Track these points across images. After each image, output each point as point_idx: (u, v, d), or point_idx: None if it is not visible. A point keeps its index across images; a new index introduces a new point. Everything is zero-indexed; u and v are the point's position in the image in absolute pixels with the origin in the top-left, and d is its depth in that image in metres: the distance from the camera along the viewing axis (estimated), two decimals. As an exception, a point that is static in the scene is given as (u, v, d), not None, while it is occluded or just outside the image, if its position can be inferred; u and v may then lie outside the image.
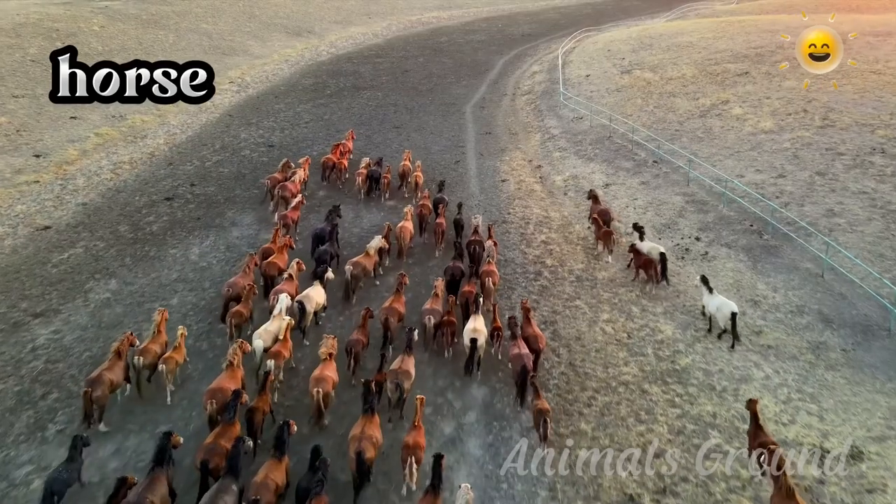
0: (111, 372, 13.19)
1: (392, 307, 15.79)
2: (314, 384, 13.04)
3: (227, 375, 13.11)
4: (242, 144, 32.68)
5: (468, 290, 16.83)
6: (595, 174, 27.57)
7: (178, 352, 14.44)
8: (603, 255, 20.85)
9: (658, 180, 25.87)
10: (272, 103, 40.51)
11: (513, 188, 27.01)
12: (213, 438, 11.46)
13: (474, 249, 19.25)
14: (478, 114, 38.38)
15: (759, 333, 16.81)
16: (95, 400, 12.72)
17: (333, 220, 20.82)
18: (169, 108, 37.73)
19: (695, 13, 73.16)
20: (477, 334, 14.67)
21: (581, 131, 32.89)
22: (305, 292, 16.45)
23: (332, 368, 13.55)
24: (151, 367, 14.09)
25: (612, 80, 39.37)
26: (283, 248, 19.12)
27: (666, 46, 44.33)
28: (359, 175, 25.19)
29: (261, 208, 24.70)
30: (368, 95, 42.67)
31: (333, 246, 19.90)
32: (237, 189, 27.03)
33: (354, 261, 18.18)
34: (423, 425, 12.36)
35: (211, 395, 12.58)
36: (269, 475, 10.73)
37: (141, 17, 54.98)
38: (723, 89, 33.56)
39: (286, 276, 17.35)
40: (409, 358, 13.96)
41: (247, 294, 16.40)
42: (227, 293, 16.72)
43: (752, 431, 12.22)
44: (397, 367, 13.54)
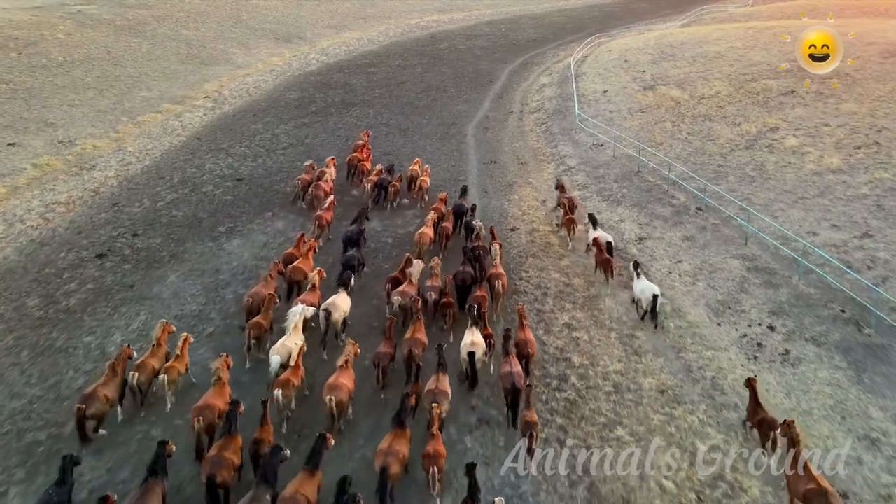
0: (106, 388, 12.59)
1: (415, 338, 14.32)
2: (328, 392, 12.58)
3: (215, 392, 12.48)
4: (206, 178, 27.26)
5: (480, 295, 16.11)
6: (625, 223, 22.11)
7: (180, 361, 13.69)
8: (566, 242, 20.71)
9: (706, 235, 20.42)
10: (249, 123, 35.05)
11: (524, 241, 21.59)
12: (216, 451, 11.00)
13: (479, 254, 18.25)
14: (481, 136, 32.91)
15: (890, 499, 11.43)
16: (90, 417, 12.21)
17: (362, 224, 19.99)
18: (128, 130, 32.39)
19: (711, 17, 67.36)
20: (475, 348, 13.91)
21: (602, 163, 27.42)
22: (331, 300, 15.53)
23: (348, 376, 13.05)
24: (147, 384, 13.40)
25: (633, 98, 33.84)
26: (309, 252, 18.24)
27: (691, 57, 38.76)
28: (368, 182, 23.98)
29: (209, 269, 19.39)
30: (358, 113, 37.18)
31: (360, 251, 19.01)
32: (189, 241, 21.65)
33: (402, 290, 16.24)
34: (440, 433, 11.82)
35: (198, 412, 11.96)
36: (300, 490, 10.16)
37: (115, 23, 49.54)
38: (768, 112, 28.07)
39: (308, 285, 16.48)
40: (444, 376, 13.13)
41: (267, 304, 15.38)
42: (249, 303, 15.78)
43: (752, 408, 12.38)
44: (434, 388, 12.71)
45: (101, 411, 12.34)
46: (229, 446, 11.09)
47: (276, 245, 21.34)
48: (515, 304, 16.65)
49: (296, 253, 18.27)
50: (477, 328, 14.45)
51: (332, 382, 12.68)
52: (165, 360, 13.81)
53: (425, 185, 24.06)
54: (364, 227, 19.99)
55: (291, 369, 13.20)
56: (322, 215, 20.97)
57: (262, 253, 20.79)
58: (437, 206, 21.58)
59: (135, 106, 35.80)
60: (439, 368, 13.18)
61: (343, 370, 13.00)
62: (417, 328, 14.60)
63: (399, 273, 17.20)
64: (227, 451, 10.96)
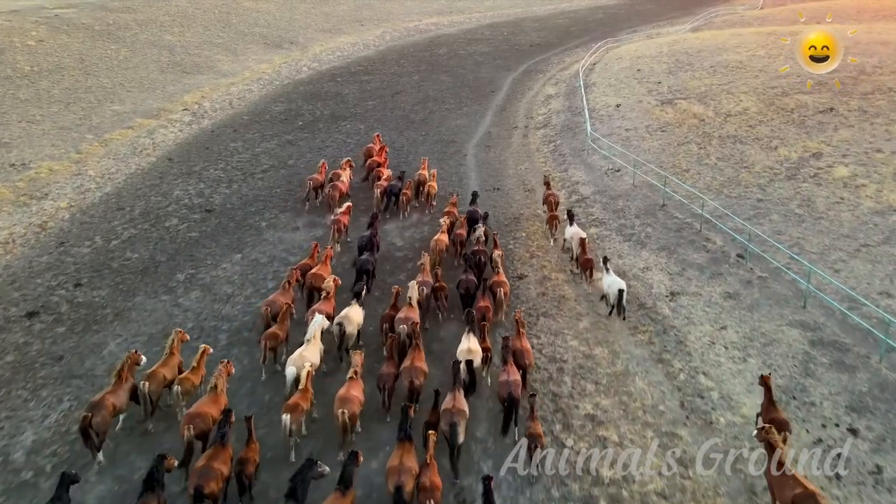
0: (114, 396, 12.02)
1: (415, 367, 13.36)
2: (339, 405, 12.02)
3: (209, 399, 11.95)
4: (171, 209, 23.72)
5: (483, 305, 15.65)
6: (651, 272, 18.54)
7: (195, 373, 13.12)
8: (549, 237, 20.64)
9: (752, 292, 16.84)
10: (228, 140, 31.48)
11: (534, 293, 18.04)
12: (204, 461, 10.50)
13: (479, 260, 17.71)
14: (482, 157, 29.31)
15: None
16: (95, 426, 11.50)
17: (375, 230, 19.50)
18: (92, 150, 28.85)
19: (722, 20, 63.55)
20: (472, 355, 13.59)
21: (621, 192, 23.81)
22: (344, 312, 14.93)
23: (358, 388, 12.55)
24: (157, 393, 12.81)
25: (651, 114, 30.22)
26: (326, 258, 17.82)
27: (710, 67, 35.11)
28: (378, 188, 22.98)
29: (157, 332, 15.85)
30: (349, 128, 33.58)
31: (373, 256, 18.49)
32: (140, 292, 18.14)
33: (404, 317, 14.83)
34: (435, 461, 10.94)
35: (189, 419, 11.46)
36: None
37: (93, 28, 45.89)
38: (807, 134, 24.48)
39: (323, 294, 16.00)
40: (460, 393, 12.38)
41: (283, 314, 14.90)
42: (266, 312, 15.24)
43: (766, 406, 11.81)
44: (451, 407, 11.95)
45: (107, 420, 11.88)
46: (219, 457, 10.65)
47: (242, 298, 17.86)
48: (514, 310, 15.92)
49: (311, 263, 17.74)
50: (473, 334, 14.07)
51: (344, 395, 12.22)
52: (178, 370, 13.33)
53: (433, 190, 23.41)
54: (378, 232, 19.57)
55: (300, 392, 12.34)
56: (339, 219, 20.20)
57: (224, 310, 17.28)
58: (450, 209, 20.87)
59: (103, 121, 32.23)
60: (455, 386, 12.43)
61: (353, 382, 12.57)
62: (417, 356, 13.68)
63: (392, 309, 15.63)
64: (217, 461, 10.54)
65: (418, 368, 13.39)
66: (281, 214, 23.26)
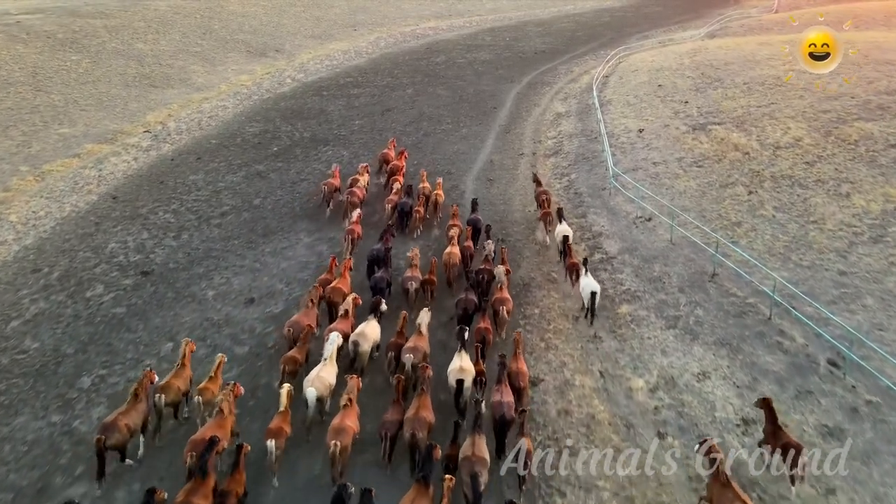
0: (127, 416, 11.33)
1: (419, 417, 11.53)
2: (332, 436, 11.03)
3: (215, 424, 11.21)
4: (98, 270, 18.76)
5: (483, 326, 14.40)
6: (710, 380, 13.54)
7: (213, 382, 12.47)
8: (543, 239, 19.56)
9: (863, 427, 11.84)
10: (188, 171, 26.49)
11: (553, 410, 13.08)
12: (183, 496, 9.71)
13: (483, 278, 16.42)
14: (483, 194, 24.21)
15: None
16: (110, 448, 10.99)
17: (388, 243, 18.16)
18: (24, 186, 23.90)
19: (739, 25, 58.25)
20: (464, 374, 12.58)
21: (656, 252, 18.77)
22: (360, 329, 14.09)
23: (353, 417, 11.57)
24: (175, 404, 12.30)
25: (681, 144, 25.16)
26: (346, 271, 16.61)
27: (743, 84, 30.02)
28: (388, 202, 21.53)
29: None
30: (329, 155, 28.54)
31: (388, 271, 17.07)
32: (25, 410, 13.17)
33: (413, 346, 13.50)
34: None
35: (192, 446, 10.72)
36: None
37: (56, 36, 40.79)
38: (883, 177, 19.46)
39: (341, 311, 14.84)
40: (481, 439, 10.85)
41: (304, 336, 13.93)
42: (289, 334, 14.20)
43: (771, 431, 11.00)
44: (471, 454, 10.52)
45: (122, 441, 11.12)
46: (198, 491, 9.78)
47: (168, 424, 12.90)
48: None
49: (330, 277, 16.77)
50: (466, 352, 13.22)
51: (338, 425, 11.21)
52: (189, 380, 12.78)
53: (440, 199, 22.37)
54: (391, 245, 18.32)
55: (280, 415, 11.55)
56: (353, 229, 19.38)
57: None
58: (454, 221, 19.89)
59: (45, 148, 27.24)
60: (475, 429, 11.07)
61: (347, 410, 11.61)
62: (423, 403, 11.96)
63: (398, 336, 14.19)
64: (196, 496, 9.66)
65: (423, 420, 11.65)
66: (234, 279, 18.31)
